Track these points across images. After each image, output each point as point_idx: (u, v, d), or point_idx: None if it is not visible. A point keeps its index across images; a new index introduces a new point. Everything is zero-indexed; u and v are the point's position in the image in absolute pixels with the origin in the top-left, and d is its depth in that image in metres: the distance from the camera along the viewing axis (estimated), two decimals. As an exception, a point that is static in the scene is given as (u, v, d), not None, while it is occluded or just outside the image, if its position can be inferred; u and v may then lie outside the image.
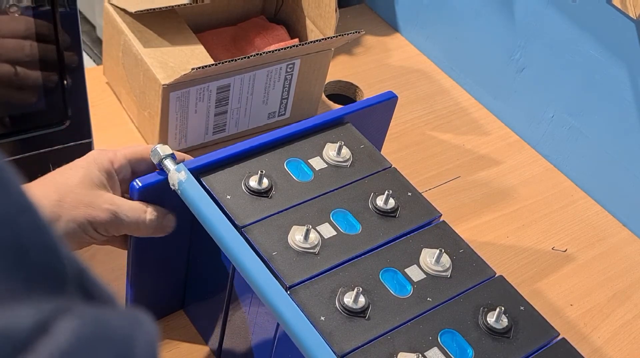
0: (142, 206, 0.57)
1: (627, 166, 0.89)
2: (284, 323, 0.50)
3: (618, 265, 0.86)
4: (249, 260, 0.53)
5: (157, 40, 0.84)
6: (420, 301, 0.54)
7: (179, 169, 0.56)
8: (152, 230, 0.58)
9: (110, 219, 0.55)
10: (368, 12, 1.17)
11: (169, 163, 0.57)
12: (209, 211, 0.55)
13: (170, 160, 0.57)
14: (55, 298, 0.23)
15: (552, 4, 0.90)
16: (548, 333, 0.55)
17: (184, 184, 0.56)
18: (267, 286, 0.51)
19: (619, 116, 0.87)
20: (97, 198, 0.55)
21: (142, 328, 0.25)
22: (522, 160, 0.97)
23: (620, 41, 0.84)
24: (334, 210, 0.59)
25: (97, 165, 0.57)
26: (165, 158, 0.57)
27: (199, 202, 0.55)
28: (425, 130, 0.98)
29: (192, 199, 0.56)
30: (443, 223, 0.61)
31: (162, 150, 0.57)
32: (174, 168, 0.56)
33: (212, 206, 0.55)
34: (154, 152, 0.57)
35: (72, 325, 0.22)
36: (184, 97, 0.81)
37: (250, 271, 0.52)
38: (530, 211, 0.90)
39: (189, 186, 0.56)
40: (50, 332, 0.21)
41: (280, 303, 0.50)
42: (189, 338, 0.69)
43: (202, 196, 0.56)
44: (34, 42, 0.63)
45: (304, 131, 0.64)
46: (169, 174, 0.57)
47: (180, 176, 0.56)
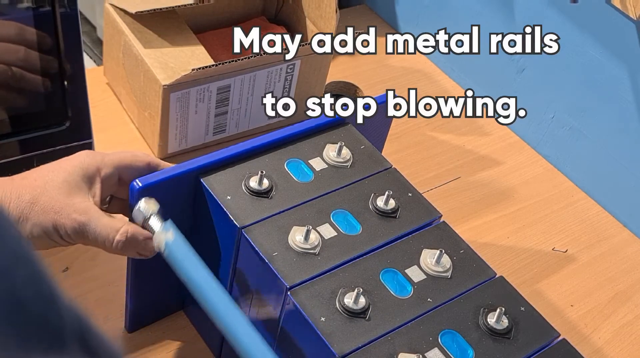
0: (116, 224, 0.54)
1: (627, 166, 0.89)
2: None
3: (619, 265, 0.86)
4: (241, 326, 0.50)
5: (158, 40, 0.84)
6: (421, 301, 0.54)
7: (167, 228, 0.53)
8: (121, 251, 0.55)
9: (76, 229, 0.53)
10: (368, 13, 1.17)
11: (154, 222, 0.54)
12: (198, 274, 0.52)
13: (156, 218, 0.54)
14: (53, 356, 0.22)
15: (552, 4, 0.90)
16: (548, 334, 0.55)
17: (171, 246, 0.53)
18: None
19: (619, 116, 0.87)
20: (69, 206, 0.53)
21: None
22: (523, 161, 0.97)
23: (620, 41, 0.84)
24: (334, 211, 0.59)
25: (82, 171, 0.55)
26: (149, 217, 0.54)
27: (187, 264, 0.52)
28: (426, 131, 0.98)
29: (179, 261, 0.52)
30: (443, 223, 0.61)
31: (146, 209, 0.54)
32: (159, 228, 0.53)
33: (201, 269, 0.52)
34: (136, 211, 0.54)
35: None
36: (185, 98, 0.81)
37: (244, 341, 0.49)
38: (530, 212, 0.90)
39: (175, 248, 0.52)
40: None
41: None
42: (189, 339, 0.69)
43: (189, 258, 0.52)
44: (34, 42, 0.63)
45: (305, 132, 0.64)
46: (153, 236, 0.54)
47: (168, 236, 0.53)
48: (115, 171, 0.57)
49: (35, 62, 0.64)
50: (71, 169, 0.54)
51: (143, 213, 0.54)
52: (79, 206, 0.53)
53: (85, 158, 0.56)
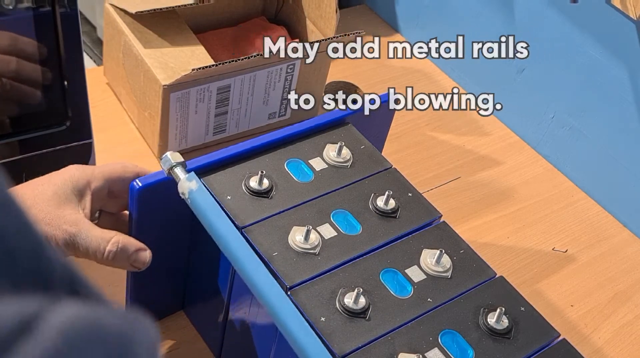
0: (107, 235, 0.54)
1: (627, 166, 0.89)
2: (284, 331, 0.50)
3: (618, 265, 0.86)
4: (262, 276, 0.51)
5: (158, 40, 0.84)
6: (421, 301, 0.54)
7: (190, 178, 0.55)
8: (112, 262, 0.55)
9: (67, 241, 0.53)
10: (368, 13, 1.17)
11: (179, 171, 0.56)
12: (220, 222, 0.54)
13: (181, 168, 0.56)
14: (42, 297, 0.22)
15: (552, 4, 0.90)
16: (549, 334, 0.55)
17: (195, 193, 0.54)
18: (281, 305, 0.50)
19: (619, 116, 0.87)
20: (59, 218, 0.53)
21: (141, 328, 0.23)
22: (523, 161, 0.97)
23: (620, 41, 0.84)
24: (335, 211, 0.59)
25: (72, 183, 0.55)
26: (175, 165, 0.56)
27: (210, 213, 0.54)
28: (426, 131, 0.98)
29: (202, 210, 0.54)
30: (443, 223, 0.61)
31: (173, 158, 0.56)
32: (185, 177, 0.55)
33: (224, 217, 0.54)
34: (164, 159, 0.56)
35: (58, 324, 0.21)
36: (185, 98, 0.81)
37: (264, 289, 0.51)
38: (530, 212, 0.90)
39: (199, 196, 0.54)
40: (34, 332, 0.20)
41: (301, 333, 0.49)
42: (189, 339, 0.69)
43: (213, 207, 0.54)
44: (34, 43, 0.63)
45: (305, 132, 0.64)
46: (179, 183, 0.55)
47: (192, 185, 0.55)
48: (105, 184, 0.57)
49: (35, 62, 0.64)
50: (61, 183, 0.55)
51: (170, 161, 0.56)
52: (69, 218, 0.54)
53: (75, 172, 0.56)
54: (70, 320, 0.21)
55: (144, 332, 0.23)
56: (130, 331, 0.23)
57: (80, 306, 0.22)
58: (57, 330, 0.21)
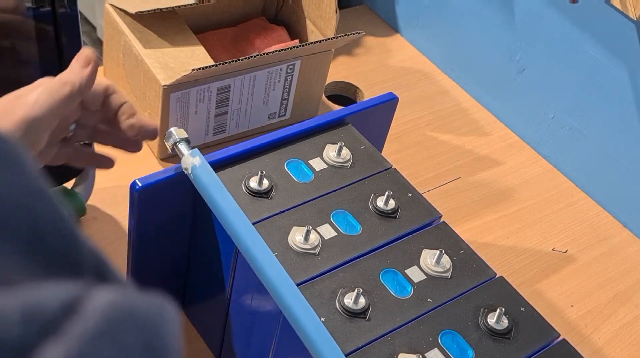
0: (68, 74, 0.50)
1: (627, 167, 0.89)
2: (291, 316, 0.50)
3: (619, 265, 0.86)
4: (261, 252, 0.52)
5: (158, 41, 0.84)
6: (421, 302, 0.54)
7: (194, 154, 0.56)
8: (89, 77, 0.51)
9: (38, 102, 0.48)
10: (368, 13, 1.17)
11: (183, 146, 0.57)
12: (222, 198, 0.55)
13: (185, 144, 0.57)
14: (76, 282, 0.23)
15: (552, 4, 0.90)
16: (549, 334, 0.55)
17: (198, 169, 0.55)
18: (279, 280, 0.51)
19: (619, 116, 0.87)
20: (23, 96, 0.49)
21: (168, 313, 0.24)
22: (523, 161, 0.97)
23: (620, 41, 0.84)
24: (334, 211, 0.59)
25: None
26: (180, 141, 0.57)
27: (212, 189, 0.55)
28: (426, 131, 0.98)
29: (205, 185, 0.55)
30: (443, 223, 0.61)
31: (178, 133, 0.57)
32: (189, 152, 0.56)
33: (226, 193, 0.55)
34: (168, 134, 0.57)
35: (100, 307, 0.22)
36: (185, 98, 0.81)
37: (262, 264, 0.52)
38: (530, 212, 0.90)
39: (202, 172, 0.55)
40: (79, 313, 0.21)
41: (291, 298, 0.50)
42: (189, 339, 0.69)
43: (215, 183, 0.55)
44: (34, 43, 0.63)
45: (305, 132, 0.64)
46: (182, 158, 0.56)
47: (195, 161, 0.56)
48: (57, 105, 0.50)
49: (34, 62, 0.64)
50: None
51: (175, 136, 0.57)
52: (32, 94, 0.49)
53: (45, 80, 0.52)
54: (110, 303, 0.22)
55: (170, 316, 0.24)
56: (159, 316, 0.24)
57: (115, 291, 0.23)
58: (100, 311, 0.22)
